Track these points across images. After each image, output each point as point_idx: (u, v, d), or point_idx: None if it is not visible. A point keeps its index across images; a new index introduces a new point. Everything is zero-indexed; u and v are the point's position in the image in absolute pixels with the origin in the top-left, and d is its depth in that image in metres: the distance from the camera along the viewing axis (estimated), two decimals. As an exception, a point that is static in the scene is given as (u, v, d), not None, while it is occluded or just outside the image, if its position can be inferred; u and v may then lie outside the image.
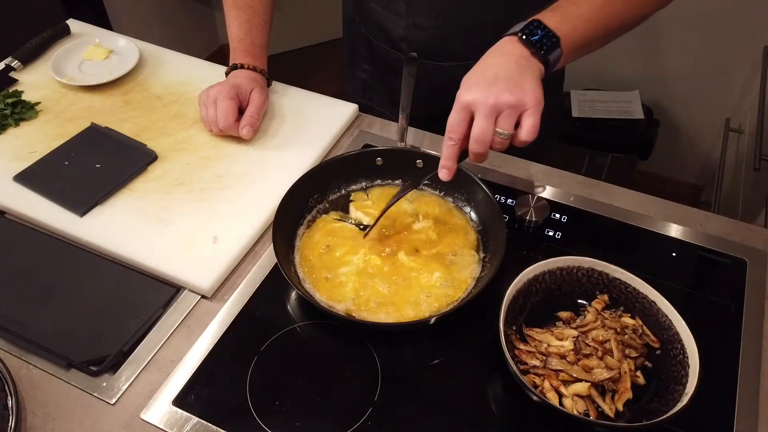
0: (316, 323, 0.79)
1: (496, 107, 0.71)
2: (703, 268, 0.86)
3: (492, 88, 0.71)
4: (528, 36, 0.75)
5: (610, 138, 2.10)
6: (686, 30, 2.01)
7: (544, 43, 0.74)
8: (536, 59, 0.75)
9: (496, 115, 0.72)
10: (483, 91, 0.72)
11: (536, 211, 0.89)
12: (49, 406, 0.72)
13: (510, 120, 0.72)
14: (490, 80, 0.72)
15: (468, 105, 0.73)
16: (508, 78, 0.72)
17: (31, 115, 1.06)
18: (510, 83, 0.71)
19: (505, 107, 0.71)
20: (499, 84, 0.71)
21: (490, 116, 0.72)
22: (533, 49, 0.74)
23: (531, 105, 0.71)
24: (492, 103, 0.71)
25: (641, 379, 0.71)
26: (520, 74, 0.72)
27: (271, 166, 0.98)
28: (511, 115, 0.72)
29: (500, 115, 0.72)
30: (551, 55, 0.75)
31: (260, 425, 0.69)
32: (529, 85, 0.72)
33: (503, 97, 0.71)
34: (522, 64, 0.74)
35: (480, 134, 0.72)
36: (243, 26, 1.05)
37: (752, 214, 1.62)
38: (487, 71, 0.74)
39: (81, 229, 0.88)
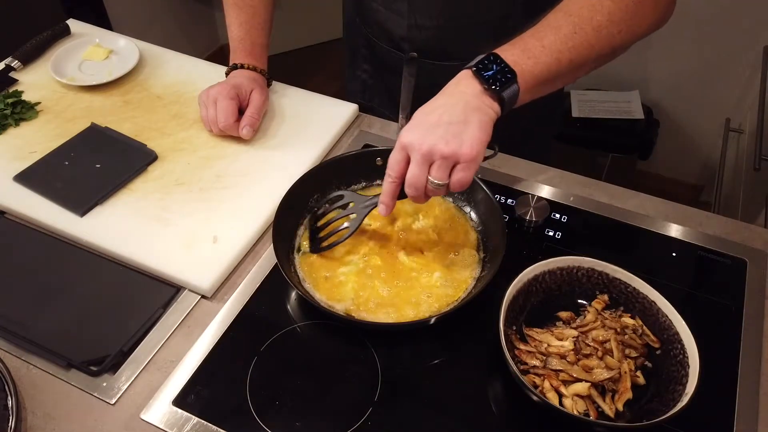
0: (316, 323, 0.79)
1: (428, 155, 0.69)
2: (703, 268, 0.86)
3: (429, 135, 0.69)
4: (481, 70, 0.71)
5: (610, 138, 2.10)
6: (686, 30, 2.01)
7: (498, 78, 0.70)
8: (488, 96, 0.71)
9: (429, 163, 0.70)
10: (420, 136, 0.69)
11: (536, 211, 0.89)
12: (49, 406, 0.72)
13: (442, 171, 0.69)
14: (432, 124, 0.69)
15: (405, 146, 0.71)
16: (448, 124, 0.69)
17: (31, 115, 1.06)
18: (449, 132, 0.68)
19: (438, 157, 0.69)
20: (437, 131, 0.69)
21: (423, 163, 0.70)
22: (486, 85, 0.70)
23: (465, 159, 0.68)
24: (425, 150, 0.69)
25: (641, 379, 0.71)
26: (464, 121, 0.69)
27: (271, 166, 0.98)
28: (443, 165, 0.69)
29: (433, 164, 0.69)
30: (506, 92, 0.70)
31: (260, 425, 0.69)
32: (470, 135, 0.68)
33: (437, 147, 0.68)
34: (471, 107, 0.70)
35: (413, 179, 0.71)
36: (243, 26, 1.05)
37: (752, 214, 1.62)
38: (432, 113, 0.71)
39: (81, 229, 0.88)
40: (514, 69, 0.71)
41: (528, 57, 0.72)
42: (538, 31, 0.74)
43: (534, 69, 0.72)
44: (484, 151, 0.70)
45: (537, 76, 0.73)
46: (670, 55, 2.11)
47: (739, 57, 2.00)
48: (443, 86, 1.10)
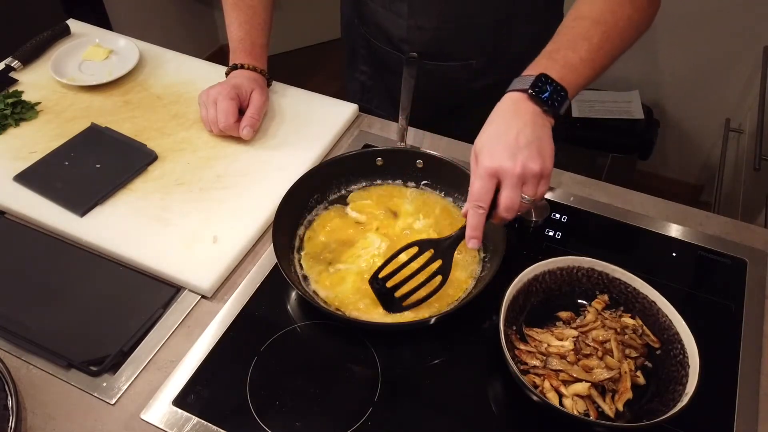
0: (316, 323, 0.79)
1: (522, 176, 0.72)
2: (703, 268, 0.86)
3: (518, 157, 0.71)
4: (538, 93, 0.75)
5: (610, 138, 2.10)
6: (686, 30, 2.01)
7: (555, 98, 0.75)
8: (548, 115, 0.75)
9: (522, 183, 0.72)
10: (509, 160, 0.71)
11: (536, 211, 0.89)
12: (49, 406, 0.72)
13: (534, 187, 0.73)
14: (513, 147, 0.72)
15: (495, 173, 0.72)
16: (529, 144, 0.72)
17: (31, 115, 1.06)
18: (532, 151, 0.72)
19: (530, 177, 0.72)
20: (523, 152, 0.72)
21: (519, 185, 0.72)
22: (545, 106, 0.75)
23: (547, 173, 0.73)
24: (519, 172, 0.71)
25: (641, 379, 0.71)
26: (539, 138, 0.73)
27: (271, 166, 0.98)
28: (535, 183, 0.73)
29: (525, 183, 0.72)
30: (562, 108, 0.76)
31: (260, 425, 0.69)
32: (548, 150, 0.73)
33: (530, 166, 0.71)
34: (538, 125, 0.74)
35: (510, 203, 0.72)
36: (243, 26, 1.05)
37: (752, 214, 1.62)
38: (508, 136, 0.73)
39: (81, 229, 0.88)
40: (564, 86, 0.76)
41: (571, 72, 0.77)
42: (573, 43, 0.79)
43: (578, 81, 0.78)
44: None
45: (579, 87, 0.79)
46: (670, 55, 2.11)
47: (739, 57, 2.00)
48: (444, 86, 1.10)
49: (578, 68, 0.78)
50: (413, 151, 0.94)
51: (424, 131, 1.05)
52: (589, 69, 0.79)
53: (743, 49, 1.97)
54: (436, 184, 0.93)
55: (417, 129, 1.05)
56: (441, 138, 1.05)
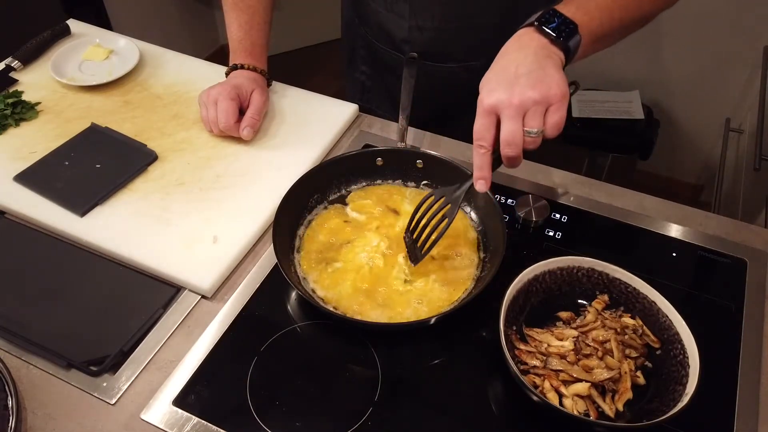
0: (316, 323, 0.79)
1: (521, 106, 0.68)
2: (703, 268, 0.86)
3: (514, 87, 0.68)
4: (544, 24, 0.72)
5: (610, 138, 2.10)
6: (686, 30, 2.01)
7: (563, 29, 0.72)
8: (556, 47, 0.72)
9: (523, 114, 0.69)
10: (506, 92, 0.69)
11: (536, 211, 0.89)
12: (49, 406, 0.72)
13: (538, 117, 0.69)
14: (511, 78, 0.69)
15: (493, 108, 0.70)
16: (528, 73, 0.69)
17: (32, 116, 1.06)
18: (532, 78, 0.68)
19: (530, 105, 0.68)
20: (520, 81, 0.68)
21: (518, 117, 0.69)
22: (551, 36, 0.71)
23: (556, 99, 0.69)
24: (517, 102, 0.68)
25: (641, 379, 0.71)
26: (541, 67, 0.69)
27: (271, 166, 0.98)
28: (538, 111, 0.69)
29: (527, 114, 0.69)
30: (571, 42, 0.72)
31: (260, 425, 0.69)
32: (552, 77, 0.69)
33: (528, 94, 0.68)
34: (541, 55, 0.71)
35: (510, 137, 0.69)
36: (243, 27, 1.05)
37: (752, 214, 1.62)
38: (507, 69, 0.71)
39: (81, 229, 0.88)
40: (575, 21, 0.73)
41: (584, 13, 0.74)
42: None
43: (591, 24, 0.74)
44: (568, 88, 0.70)
45: (594, 30, 0.75)
46: (671, 55, 2.11)
47: (739, 57, 2.00)
48: (445, 87, 1.10)
49: (592, 12, 0.74)
50: (413, 151, 0.94)
51: (424, 131, 1.05)
52: (605, 16, 0.75)
53: (743, 49, 1.97)
54: (436, 184, 0.93)
55: (417, 129, 1.05)
56: (441, 138, 1.05)
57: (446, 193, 0.79)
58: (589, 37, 0.74)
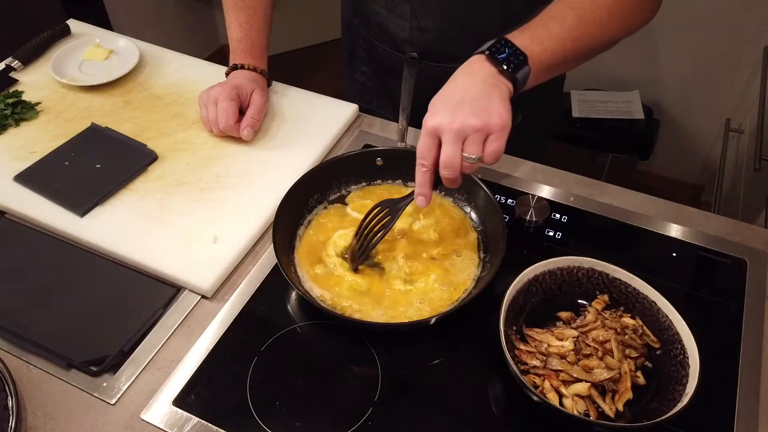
0: (316, 323, 0.79)
1: (461, 132, 0.70)
2: (703, 268, 0.86)
3: (457, 112, 0.70)
4: (495, 53, 0.73)
5: (610, 138, 2.10)
6: (686, 30, 2.01)
7: (512, 60, 0.73)
8: (504, 77, 0.73)
9: (462, 139, 0.71)
10: (448, 116, 0.71)
11: (536, 211, 0.89)
12: (49, 406, 0.72)
13: (476, 144, 0.71)
14: (456, 104, 0.71)
15: (434, 130, 0.72)
16: (473, 100, 0.71)
17: (32, 116, 1.06)
18: (475, 106, 0.70)
19: (470, 131, 0.70)
20: (464, 107, 0.70)
21: (457, 141, 0.71)
22: (501, 66, 0.73)
23: (496, 129, 0.70)
24: (457, 127, 0.70)
25: (641, 380, 0.71)
26: (487, 95, 0.71)
27: (271, 166, 0.98)
28: (477, 139, 0.71)
29: (467, 140, 0.71)
30: (519, 73, 0.74)
31: (260, 425, 0.69)
32: (496, 107, 0.71)
33: (468, 122, 0.70)
34: (489, 84, 0.72)
35: (448, 160, 0.71)
36: (243, 27, 1.05)
37: (752, 214, 1.62)
38: (453, 94, 0.73)
39: (81, 229, 0.88)
40: (525, 53, 0.74)
41: (536, 44, 0.75)
42: (545, 21, 0.78)
43: (542, 55, 0.76)
44: (510, 120, 0.72)
45: (544, 61, 0.76)
46: (671, 55, 2.11)
47: (739, 57, 2.00)
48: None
49: (544, 43, 0.76)
50: (413, 151, 0.94)
51: (424, 131, 1.05)
52: (557, 47, 0.76)
53: (743, 49, 1.97)
54: (435, 184, 0.93)
55: (417, 129, 1.04)
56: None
57: (390, 205, 0.82)
58: (540, 67, 0.76)
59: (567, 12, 0.78)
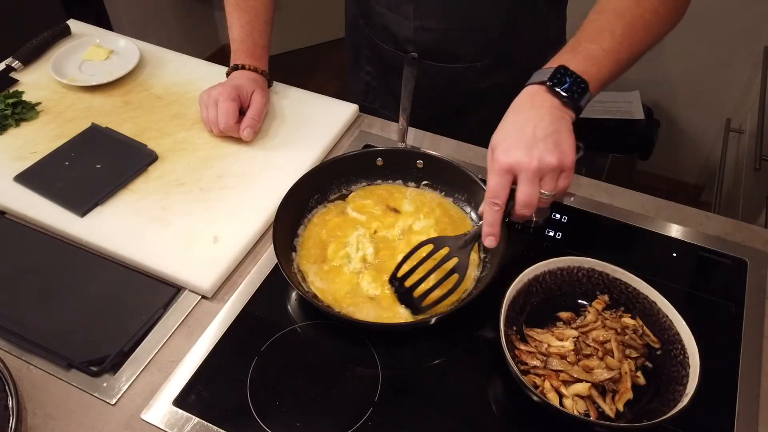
0: (316, 323, 0.79)
1: (539, 171, 0.70)
2: (704, 268, 0.86)
3: (533, 151, 0.70)
4: (557, 86, 0.73)
5: (610, 138, 2.10)
6: (686, 30, 1.99)
7: (574, 90, 0.73)
8: (568, 108, 0.74)
9: (540, 178, 0.71)
10: (524, 155, 0.70)
11: (536, 211, 0.89)
12: (49, 406, 0.72)
13: (553, 182, 0.71)
14: (529, 141, 0.71)
15: (510, 168, 0.71)
16: (546, 137, 0.70)
17: (32, 116, 1.06)
18: (549, 143, 0.70)
19: (548, 171, 0.71)
20: (539, 145, 0.70)
21: (535, 180, 0.71)
22: (564, 99, 0.73)
23: (568, 166, 0.71)
24: (536, 167, 0.70)
25: (641, 380, 0.71)
26: (557, 131, 0.71)
27: (272, 166, 0.98)
28: (554, 177, 0.71)
29: (543, 178, 0.71)
30: (582, 101, 0.74)
31: (260, 425, 0.69)
32: (566, 144, 0.71)
33: (546, 161, 0.70)
34: (556, 117, 0.72)
35: (527, 199, 0.71)
36: (244, 27, 1.05)
37: (752, 214, 1.62)
38: (524, 130, 0.72)
39: (81, 229, 0.88)
40: (585, 79, 0.74)
41: (592, 64, 0.75)
42: (595, 36, 0.77)
43: (599, 74, 0.76)
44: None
45: (602, 80, 0.76)
46: (671, 56, 2.11)
47: (739, 57, 2.00)
48: (449, 88, 1.10)
49: (600, 60, 0.75)
50: (413, 152, 0.94)
51: (424, 132, 1.05)
52: (612, 61, 0.76)
53: (743, 49, 1.97)
54: (436, 184, 0.93)
55: (417, 129, 1.05)
56: (441, 138, 1.05)
57: (450, 244, 0.79)
58: (599, 86, 0.76)
59: (615, 22, 0.77)
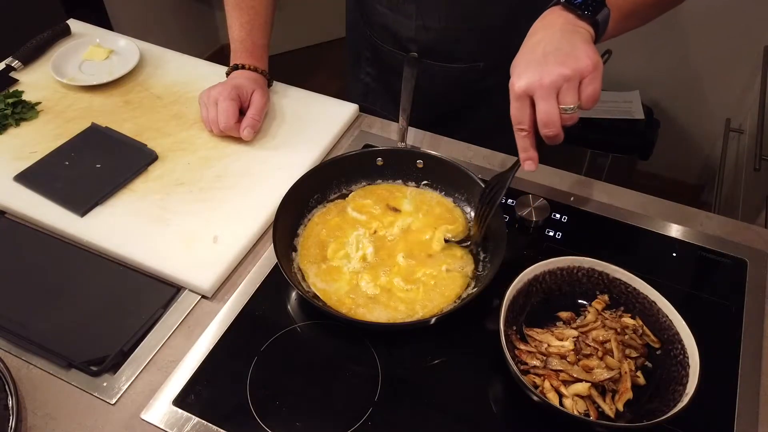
0: (316, 323, 0.79)
1: (553, 85, 0.67)
2: (704, 268, 0.86)
3: (543, 67, 0.67)
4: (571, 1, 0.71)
5: (610, 138, 2.09)
6: (686, 30, 2.01)
7: (589, 4, 0.70)
8: (584, 21, 0.71)
9: (556, 92, 0.68)
10: (535, 73, 0.68)
11: (536, 211, 0.89)
12: (49, 406, 0.72)
13: (572, 93, 0.68)
14: (539, 59, 0.68)
15: (525, 91, 0.69)
16: (556, 50, 0.68)
17: (32, 115, 1.06)
18: (560, 55, 0.67)
19: (562, 82, 0.67)
20: (548, 60, 0.68)
21: (551, 96, 0.68)
22: (579, 11, 0.70)
23: (588, 71, 0.68)
24: (548, 82, 0.67)
25: (641, 379, 0.71)
26: (568, 42, 0.68)
27: (272, 166, 0.98)
28: (571, 88, 0.68)
29: (560, 91, 0.68)
30: (599, 15, 0.70)
31: (260, 425, 0.69)
32: (581, 50, 0.68)
33: (558, 72, 0.67)
34: (568, 30, 0.69)
35: (546, 117, 0.69)
36: (244, 27, 1.05)
37: (752, 214, 1.62)
38: (534, 50, 0.70)
39: (81, 229, 0.88)
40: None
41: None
42: None
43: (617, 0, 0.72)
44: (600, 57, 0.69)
45: (621, 6, 0.73)
46: (671, 55, 2.11)
47: (739, 57, 2.00)
48: (451, 87, 1.10)
49: None
50: (413, 151, 0.94)
51: (424, 131, 1.05)
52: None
53: (743, 49, 1.97)
54: (436, 184, 0.93)
55: (417, 129, 1.05)
56: (441, 138, 1.05)
57: (499, 178, 0.80)
58: (618, 13, 0.72)
59: None
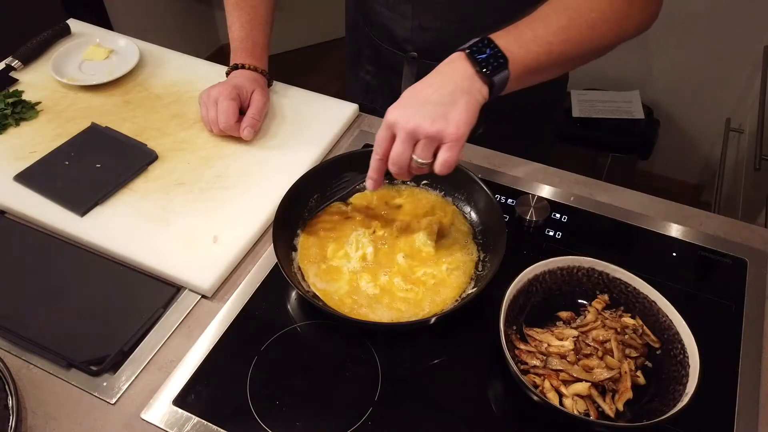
0: (316, 323, 0.79)
1: (413, 134, 0.69)
2: (704, 268, 0.86)
3: (415, 114, 0.69)
4: (475, 53, 0.71)
5: (610, 138, 2.10)
6: (686, 30, 2.01)
7: (491, 62, 0.71)
8: (479, 79, 0.71)
9: (413, 141, 0.70)
10: (406, 115, 0.69)
11: (536, 211, 0.89)
12: (49, 405, 0.72)
13: (426, 150, 0.70)
14: (419, 103, 0.70)
15: (390, 125, 0.71)
16: (436, 104, 0.69)
17: (32, 115, 1.06)
18: (436, 111, 0.68)
19: (422, 136, 0.69)
20: (424, 110, 0.69)
21: (407, 142, 0.70)
22: (478, 67, 0.71)
23: (449, 140, 0.68)
24: (410, 129, 0.69)
25: (641, 379, 0.71)
26: (452, 102, 0.69)
27: (272, 166, 0.98)
28: (427, 144, 0.69)
29: (418, 143, 0.70)
30: (496, 77, 0.71)
31: (260, 425, 0.69)
32: (455, 117, 0.68)
33: (422, 126, 0.68)
34: (460, 89, 0.70)
35: (396, 157, 0.71)
36: (244, 26, 1.05)
37: (753, 214, 1.62)
38: (423, 91, 0.71)
39: (81, 229, 0.88)
40: (506, 55, 0.72)
41: (520, 45, 0.73)
42: (532, 22, 0.75)
43: (525, 58, 0.73)
44: (468, 132, 0.70)
45: (527, 65, 0.73)
46: (671, 55, 2.11)
47: (739, 57, 2.00)
48: None
49: (529, 44, 0.73)
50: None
51: (424, 131, 1.05)
52: (542, 50, 0.73)
53: (743, 49, 1.97)
54: (435, 183, 0.93)
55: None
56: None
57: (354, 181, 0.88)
58: (523, 71, 0.73)
59: (559, 13, 0.75)
